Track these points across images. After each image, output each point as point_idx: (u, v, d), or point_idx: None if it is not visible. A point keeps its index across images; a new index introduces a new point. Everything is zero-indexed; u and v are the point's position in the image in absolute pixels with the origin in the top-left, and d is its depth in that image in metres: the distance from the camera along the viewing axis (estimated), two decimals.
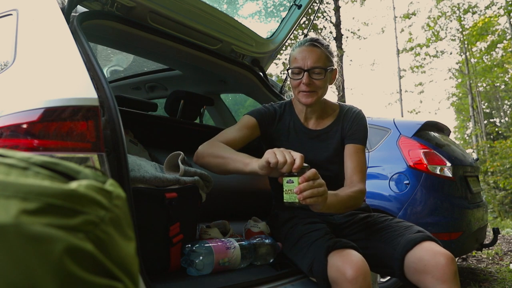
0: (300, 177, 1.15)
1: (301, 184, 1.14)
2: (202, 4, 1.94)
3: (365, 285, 1.17)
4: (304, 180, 1.14)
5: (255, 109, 1.62)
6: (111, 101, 1.11)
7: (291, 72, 1.52)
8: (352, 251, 1.24)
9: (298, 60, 1.50)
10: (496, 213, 8.57)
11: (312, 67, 1.48)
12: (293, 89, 1.55)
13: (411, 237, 1.32)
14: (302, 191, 1.13)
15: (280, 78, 11.79)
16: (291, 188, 1.17)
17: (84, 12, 1.50)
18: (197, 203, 1.43)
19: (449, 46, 23.59)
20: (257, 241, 1.44)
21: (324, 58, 1.51)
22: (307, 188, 1.14)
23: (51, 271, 0.28)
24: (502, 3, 14.14)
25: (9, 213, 0.28)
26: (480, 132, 16.17)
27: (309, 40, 1.54)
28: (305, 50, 1.51)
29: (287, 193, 1.18)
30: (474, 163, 3.34)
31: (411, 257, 1.29)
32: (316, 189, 1.15)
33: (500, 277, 3.20)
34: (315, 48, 1.51)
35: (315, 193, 1.14)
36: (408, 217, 2.61)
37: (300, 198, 1.14)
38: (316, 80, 1.49)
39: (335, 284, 1.21)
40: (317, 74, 1.49)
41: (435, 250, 1.26)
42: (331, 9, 12.62)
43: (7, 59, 1.27)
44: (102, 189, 0.35)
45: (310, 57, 1.49)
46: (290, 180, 1.18)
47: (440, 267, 1.22)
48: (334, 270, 1.21)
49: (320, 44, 1.52)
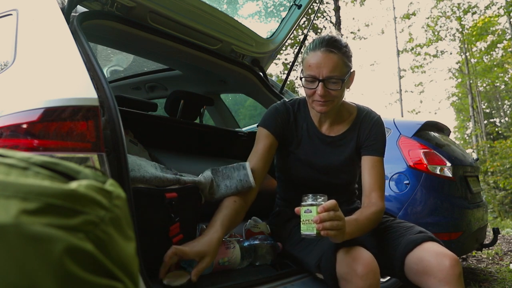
0: (319, 207, 1.11)
1: (320, 213, 1.10)
2: (202, 4, 1.94)
3: (375, 282, 1.16)
4: (323, 210, 1.11)
5: (268, 116, 1.54)
6: (111, 101, 1.11)
7: (305, 80, 1.40)
8: (361, 248, 1.22)
9: (312, 67, 1.37)
10: (496, 213, 8.57)
11: (328, 77, 1.36)
12: (307, 97, 1.46)
13: (412, 238, 1.31)
14: (322, 221, 1.10)
15: (280, 78, 11.79)
16: (308, 218, 1.12)
17: (84, 12, 1.50)
18: (197, 203, 1.42)
19: (449, 46, 23.59)
20: (257, 241, 1.44)
21: (341, 65, 1.37)
22: (327, 218, 1.10)
23: (51, 271, 0.28)
24: (502, 3, 14.15)
25: (9, 213, 0.28)
26: (480, 132, 16.17)
27: (325, 44, 1.37)
28: (320, 56, 1.36)
29: (305, 223, 1.14)
30: (474, 163, 3.34)
31: (412, 257, 1.27)
32: (336, 222, 1.11)
33: (500, 277, 3.20)
34: (332, 55, 1.36)
35: (335, 226, 1.11)
36: (408, 217, 2.61)
37: (319, 228, 1.10)
38: (332, 90, 1.38)
39: (344, 281, 1.19)
40: (333, 83, 1.37)
41: (438, 251, 1.24)
42: (331, 9, 12.62)
43: (7, 59, 1.27)
44: (102, 189, 0.35)
45: (325, 65, 1.35)
46: (308, 209, 1.13)
47: (444, 269, 1.19)
48: (344, 266, 1.18)
49: (337, 48, 1.37)
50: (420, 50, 18.39)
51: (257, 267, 1.42)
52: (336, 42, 1.38)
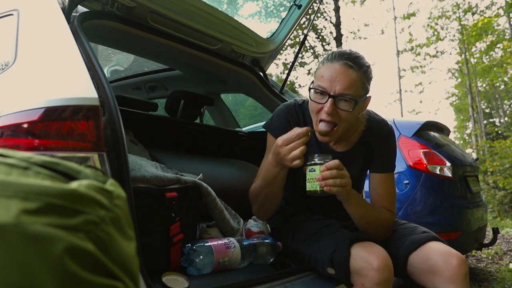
0: (322, 165, 1.17)
1: (323, 172, 1.15)
2: (202, 4, 1.94)
3: (390, 276, 1.16)
4: (326, 169, 1.15)
5: (277, 121, 1.44)
6: (111, 101, 1.11)
7: (313, 92, 1.26)
8: (375, 244, 1.23)
9: (325, 79, 1.23)
10: (496, 212, 8.57)
11: (341, 94, 1.22)
12: (312, 113, 1.32)
13: (417, 237, 1.31)
14: (324, 179, 1.15)
15: (280, 78, 11.79)
16: (313, 177, 1.19)
17: (84, 12, 1.50)
18: (198, 202, 1.43)
19: (448, 46, 23.59)
20: (257, 240, 1.44)
21: (358, 84, 1.23)
22: (329, 176, 1.15)
23: (52, 271, 0.28)
24: (502, 3, 14.15)
25: (10, 213, 0.28)
26: (480, 132, 16.16)
27: (346, 58, 1.23)
28: (337, 69, 1.21)
29: (309, 181, 1.20)
30: (474, 163, 3.34)
31: (417, 256, 1.27)
32: (339, 179, 1.16)
33: (500, 277, 3.20)
34: (350, 70, 1.21)
35: (338, 183, 1.15)
36: (408, 216, 2.61)
37: (322, 185, 1.16)
38: (342, 110, 1.24)
39: (358, 275, 1.18)
40: (345, 102, 1.23)
41: (444, 250, 1.24)
42: (331, 10, 12.62)
43: (8, 59, 1.27)
44: (102, 189, 0.35)
45: (340, 81, 1.21)
46: (312, 169, 1.20)
47: (451, 268, 1.19)
48: (359, 260, 1.18)
49: (358, 65, 1.23)
50: (420, 50, 18.39)
51: (258, 266, 1.42)
52: (358, 58, 1.25)
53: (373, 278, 1.14)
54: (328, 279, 1.36)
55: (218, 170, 2.02)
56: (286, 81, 2.47)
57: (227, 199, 1.60)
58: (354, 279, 1.20)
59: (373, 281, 1.14)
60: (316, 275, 1.40)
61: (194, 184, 1.40)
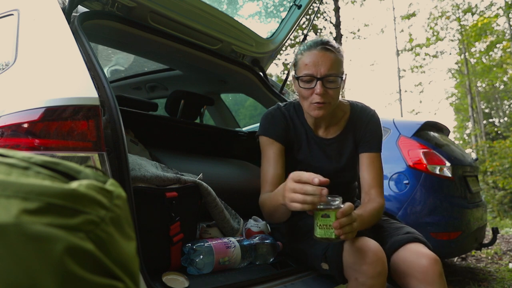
0: (338, 212, 1.08)
1: (340, 219, 1.08)
2: (203, 4, 1.94)
3: (384, 270, 1.15)
4: (342, 216, 1.08)
5: (266, 123, 1.50)
6: (111, 101, 1.11)
7: (301, 81, 1.36)
8: (368, 238, 1.22)
9: (309, 66, 1.34)
10: (495, 212, 8.56)
11: (326, 75, 1.33)
12: (303, 100, 1.41)
13: (398, 239, 1.30)
14: (342, 226, 1.08)
15: (280, 78, 11.79)
16: (326, 223, 1.10)
17: (85, 12, 1.50)
18: (198, 202, 1.43)
19: (448, 46, 23.58)
20: (257, 240, 1.44)
21: (338, 63, 1.35)
22: (346, 223, 1.08)
23: (52, 271, 0.28)
24: (502, 3, 14.15)
25: (10, 212, 0.29)
26: (480, 132, 16.16)
27: (320, 43, 1.36)
28: (317, 55, 1.34)
29: (322, 228, 1.11)
30: (474, 163, 3.34)
31: (396, 258, 1.26)
32: (354, 224, 1.11)
33: (499, 277, 3.20)
34: (328, 53, 1.34)
35: (354, 229, 1.11)
36: (407, 217, 2.61)
37: (339, 234, 1.08)
38: (330, 89, 1.35)
39: (351, 269, 1.18)
40: (332, 82, 1.34)
41: (419, 251, 1.22)
42: (331, 10, 12.63)
43: (8, 59, 1.28)
44: (102, 189, 0.35)
45: (323, 63, 1.33)
46: (326, 214, 1.10)
47: (423, 269, 1.18)
48: (352, 255, 1.18)
49: (333, 47, 1.36)
50: (420, 50, 18.39)
51: (258, 266, 1.42)
52: (331, 43, 1.38)
53: (366, 272, 1.14)
54: (328, 279, 1.37)
55: (218, 170, 2.02)
56: (286, 81, 2.47)
57: (227, 199, 1.60)
58: (347, 273, 1.20)
59: (367, 274, 1.13)
60: (316, 274, 1.40)
61: (194, 184, 1.40)
